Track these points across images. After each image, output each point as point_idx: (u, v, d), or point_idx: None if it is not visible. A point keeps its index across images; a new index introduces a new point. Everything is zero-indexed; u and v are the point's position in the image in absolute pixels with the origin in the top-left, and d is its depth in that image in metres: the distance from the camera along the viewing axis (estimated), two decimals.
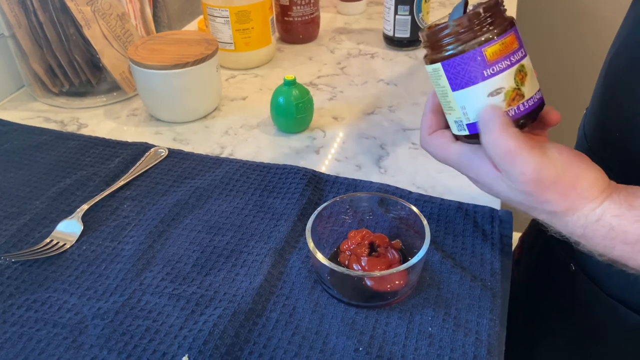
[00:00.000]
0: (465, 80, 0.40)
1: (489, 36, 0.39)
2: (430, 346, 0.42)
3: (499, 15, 0.40)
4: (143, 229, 0.53)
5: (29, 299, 0.46)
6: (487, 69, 0.39)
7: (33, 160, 0.64)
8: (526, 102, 0.40)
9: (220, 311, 0.44)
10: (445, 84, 0.41)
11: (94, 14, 0.71)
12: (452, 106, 0.42)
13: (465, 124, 0.42)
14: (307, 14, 0.93)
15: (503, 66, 0.39)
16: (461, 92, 0.40)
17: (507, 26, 0.39)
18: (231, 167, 0.62)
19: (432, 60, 0.41)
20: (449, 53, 0.40)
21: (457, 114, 0.42)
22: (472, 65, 0.39)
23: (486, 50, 0.38)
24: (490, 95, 0.40)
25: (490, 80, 0.39)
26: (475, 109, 0.40)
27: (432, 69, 0.42)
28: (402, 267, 0.43)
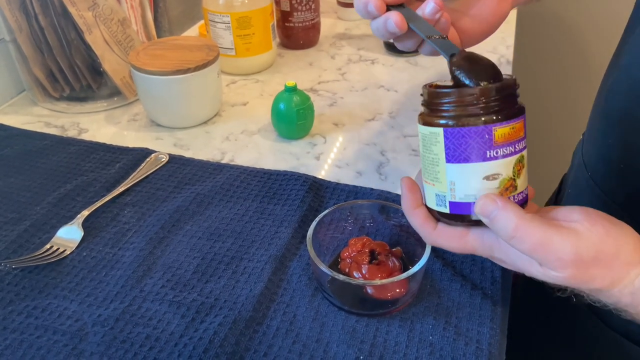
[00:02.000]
0: (464, 155, 0.37)
1: (502, 116, 0.36)
2: (431, 355, 0.42)
3: (514, 96, 0.38)
4: (143, 235, 0.53)
5: (29, 306, 0.46)
6: (491, 150, 0.36)
7: (33, 166, 0.64)
8: (517, 195, 0.38)
9: (221, 319, 0.44)
10: (440, 152, 0.38)
11: (95, 19, 0.72)
12: (440, 177, 0.38)
13: (448, 201, 0.39)
14: (308, 20, 0.93)
15: (507, 152, 0.36)
16: (455, 166, 0.37)
17: (520, 111, 0.37)
18: (232, 173, 0.62)
19: (431, 122, 0.38)
20: (455, 121, 0.36)
21: (442, 188, 0.39)
22: (476, 141, 0.36)
23: (496, 130, 0.36)
24: (485, 178, 0.37)
25: (490, 162, 0.36)
26: (465, 189, 0.38)
27: (428, 132, 0.38)
28: (403, 275, 0.43)
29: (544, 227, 0.35)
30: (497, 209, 0.36)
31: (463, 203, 0.38)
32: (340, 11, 1.09)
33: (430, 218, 0.41)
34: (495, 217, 0.36)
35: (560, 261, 0.34)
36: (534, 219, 0.35)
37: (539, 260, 0.36)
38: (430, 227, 0.41)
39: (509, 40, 0.97)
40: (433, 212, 0.41)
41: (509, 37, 0.98)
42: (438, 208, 0.40)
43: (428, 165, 0.39)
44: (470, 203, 0.38)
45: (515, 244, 0.35)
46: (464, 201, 0.38)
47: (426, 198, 0.41)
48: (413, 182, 0.42)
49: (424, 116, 0.39)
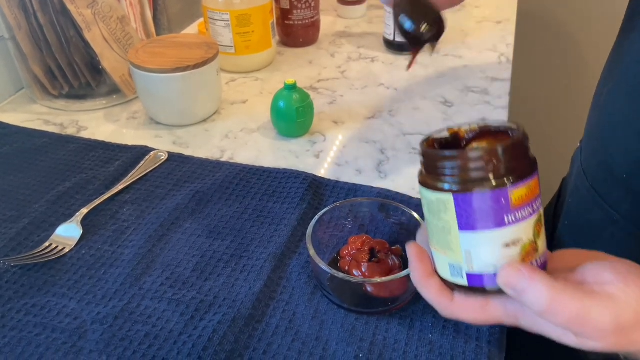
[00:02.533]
0: (480, 223, 0.33)
1: (518, 175, 0.33)
2: (431, 353, 0.42)
3: (527, 152, 0.34)
4: (142, 233, 0.53)
5: (28, 304, 0.46)
6: (510, 214, 0.33)
7: (32, 164, 0.64)
8: (539, 258, 0.35)
9: (220, 317, 0.44)
10: (452, 220, 0.34)
11: (95, 16, 0.71)
12: (453, 247, 0.35)
13: (465, 272, 0.35)
14: (308, 18, 0.93)
15: (525, 214, 0.33)
16: (471, 235, 0.34)
17: (534, 166, 0.34)
18: (231, 172, 0.62)
19: (437, 187, 0.34)
20: (466, 186, 0.33)
21: (457, 258, 0.35)
22: (492, 207, 0.32)
23: (513, 192, 0.32)
24: (505, 245, 0.33)
25: (510, 228, 0.33)
26: (483, 259, 0.34)
27: (435, 198, 0.34)
28: (402, 273, 0.43)
29: (578, 298, 0.32)
30: (524, 281, 0.33)
31: (482, 275, 0.35)
32: (340, 9, 1.09)
33: (445, 289, 0.37)
34: (524, 290, 0.33)
35: (601, 332, 0.32)
36: (566, 289, 0.32)
37: (575, 332, 0.33)
38: (446, 300, 0.37)
39: (509, 39, 0.96)
40: (447, 283, 0.37)
41: (508, 36, 0.98)
42: (454, 280, 0.36)
43: (438, 233, 0.36)
44: (491, 274, 0.34)
45: (549, 318, 0.33)
46: (484, 272, 0.34)
47: (438, 267, 0.38)
48: (421, 250, 0.39)
49: (426, 179, 0.35)
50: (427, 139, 0.37)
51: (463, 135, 0.38)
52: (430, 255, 0.39)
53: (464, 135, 0.38)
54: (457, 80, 0.83)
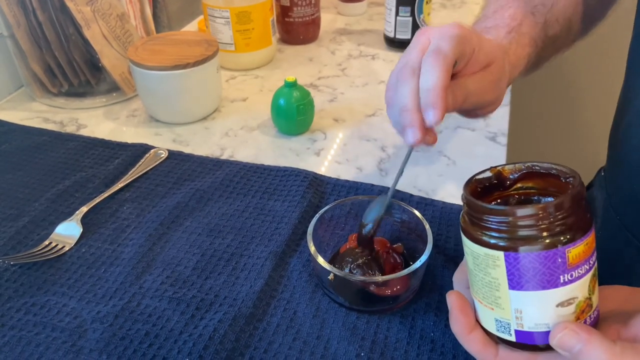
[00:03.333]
0: (533, 283, 0.31)
1: (575, 233, 0.30)
2: (432, 352, 0.41)
3: (585, 206, 0.32)
4: (143, 231, 0.53)
5: (28, 302, 0.46)
6: (566, 273, 0.31)
7: (32, 162, 0.63)
8: (592, 313, 0.33)
9: (221, 315, 0.44)
10: (501, 277, 0.32)
11: (94, 14, 0.71)
12: (501, 304, 0.33)
13: (514, 329, 0.33)
14: (308, 15, 0.93)
15: (582, 272, 0.31)
16: (522, 294, 0.32)
17: (591, 221, 0.32)
18: (231, 169, 0.61)
19: (487, 243, 0.32)
20: (520, 245, 0.31)
21: (505, 315, 0.33)
22: (548, 267, 0.31)
23: (570, 251, 0.30)
24: (560, 305, 0.31)
25: (565, 287, 0.31)
26: (535, 318, 0.32)
27: (483, 253, 0.32)
28: (404, 271, 0.42)
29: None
30: (581, 343, 0.31)
31: (533, 332, 0.33)
32: (340, 6, 1.09)
33: (490, 343, 0.36)
34: (580, 352, 0.31)
35: None
36: (625, 352, 0.30)
37: None
38: (491, 354, 0.36)
39: None
40: (492, 336, 0.35)
41: None
42: (500, 335, 0.34)
43: (483, 287, 0.34)
44: (542, 332, 0.32)
45: None
46: (535, 330, 0.33)
47: (482, 319, 0.36)
48: (464, 301, 0.37)
49: (472, 231, 0.33)
50: (470, 182, 0.36)
51: (507, 175, 0.36)
52: (472, 304, 0.37)
53: (508, 175, 0.36)
54: None
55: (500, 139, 0.68)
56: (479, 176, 0.36)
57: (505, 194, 0.36)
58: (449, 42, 0.39)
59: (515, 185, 0.36)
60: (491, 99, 0.44)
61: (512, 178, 0.36)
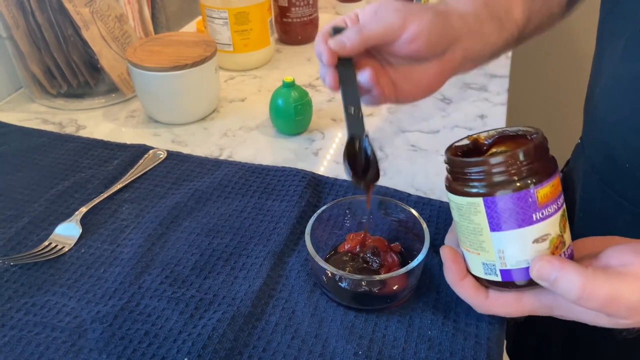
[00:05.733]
0: (510, 222, 0.35)
1: (542, 176, 0.35)
2: (430, 350, 0.42)
3: (548, 153, 0.36)
4: (142, 231, 0.53)
5: (28, 303, 0.46)
6: (537, 212, 0.35)
7: (31, 163, 0.64)
8: (566, 250, 0.37)
9: (220, 315, 0.44)
10: (482, 222, 0.36)
11: (92, 15, 0.71)
12: (485, 247, 0.37)
13: (498, 269, 0.37)
14: (306, 15, 0.93)
15: (551, 210, 0.35)
16: (502, 234, 0.36)
17: (555, 165, 0.36)
18: (230, 170, 0.62)
19: (467, 193, 0.36)
20: (495, 189, 0.35)
21: (490, 257, 0.37)
22: (521, 206, 0.35)
23: (539, 191, 0.35)
24: (535, 241, 0.36)
25: (538, 225, 0.35)
26: (516, 255, 0.36)
27: (465, 202, 0.37)
28: (401, 270, 0.43)
29: (608, 281, 0.34)
30: (556, 272, 0.34)
31: (515, 269, 0.37)
32: (338, 6, 1.09)
33: (480, 287, 0.40)
34: (557, 279, 0.34)
35: (632, 310, 0.34)
36: (596, 274, 0.34)
37: (607, 314, 0.35)
38: (482, 297, 0.40)
39: None
40: (481, 280, 0.40)
41: None
42: (487, 277, 0.38)
43: (468, 235, 0.38)
44: (523, 269, 0.36)
45: (583, 303, 0.34)
46: (516, 267, 0.37)
47: (471, 266, 0.40)
48: (455, 252, 0.41)
49: (455, 186, 0.38)
50: (450, 148, 0.39)
51: (482, 141, 0.40)
52: (463, 256, 0.41)
53: (483, 141, 0.40)
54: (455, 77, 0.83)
55: None
56: (458, 143, 0.40)
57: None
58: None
59: (491, 150, 0.40)
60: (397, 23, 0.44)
61: (487, 143, 0.40)
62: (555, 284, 0.35)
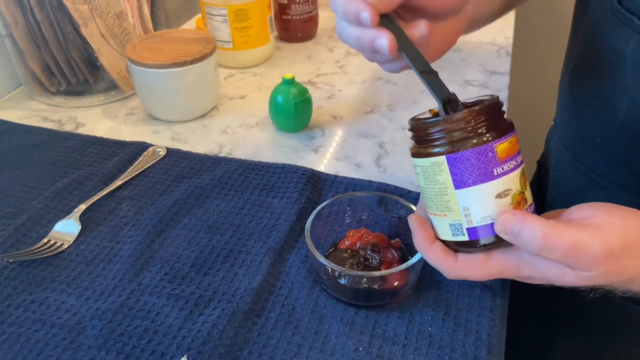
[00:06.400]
0: (472, 178, 0.36)
1: (499, 132, 0.36)
2: (430, 346, 0.41)
3: (502, 113, 0.38)
4: (141, 228, 0.53)
5: (27, 300, 0.46)
6: (497, 167, 0.36)
7: (30, 160, 0.63)
8: (529, 207, 0.38)
9: (219, 311, 0.44)
10: (447, 181, 0.37)
11: (91, 12, 0.71)
12: (451, 206, 0.38)
13: (465, 228, 0.38)
14: (306, 12, 0.93)
15: (511, 166, 0.36)
16: (466, 191, 0.36)
17: (511, 125, 0.38)
18: (230, 167, 0.61)
19: (430, 154, 0.37)
20: (457, 146, 0.36)
21: (456, 216, 0.38)
22: (482, 161, 0.36)
23: (497, 146, 0.36)
24: (498, 196, 0.36)
25: (500, 179, 0.36)
26: (481, 211, 0.37)
27: (429, 163, 0.37)
28: (401, 266, 0.42)
29: (570, 230, 0.34)
30: (519, 223, 0.35)
31: (481, 226, 0.37)
32: None
33: (449, 252, 0.40)
34: (520, 231, 0.35)
35: (594, 260, 0.34)
36: (557, 224, 0.34)
37: (571, 265, 0.35)
38: (451, 261, 0.39)
39: (508, 32, 0.96)
40: (449, 244, 0.40)
41: (508, 29, 0.97)
42: (455, 238, 0.39)
43: (435, 197, 0.38)
44: (488, 225, 0.37)
45: (546, 253, 0.34)
46: (482, 224, 0.37)
47: (439, 231, 0.40)
48: (422, 219, 0.41)
49: (419, 149, 0.38)
50: (413, 119, 0.40)
51: None
52: (431, 223, 0.41)
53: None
54: (456, 74, 0.83)
55: None
56: (420, 116, 0.41)
57: None
58: None
59: None
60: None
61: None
62: (518, 235, 0.35)
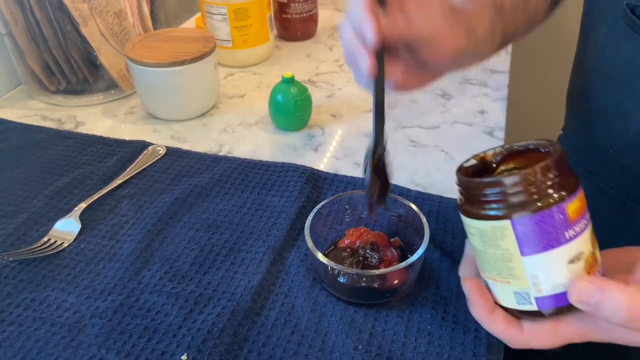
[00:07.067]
0: (542, 244, 0.32)
1: (569, 189, 0.32)
2: (429, 344, 0.42)
3: (570, 168, 0.34)
4: (141, 227, 0.53)
5: (27, 298, 0.46)
6: (569, 229, 0.32)
7: (30, 159, 0.63)
8: (600, 268, 0.34)
9: (219, 310, 0.44)
10: (512, 247, 0.33)
11: (91, 11, 0.71)
12: (516, 274, 0.34)
13: (533, 297, 0.34)
14: (305, 11, 0.93)
15: (582, 226, 0.33)
16: (534, 258, 0.33)
17: (578, 178, 0.34)
18: (229, 165, 0.61)
19: (490, 216, 0.33)
20: (523, 209, 0.32)
21: (523, 284, 0.34)
22: (553, 225, 0.32)
23: (568, 206, 0.32)
24: (570, 262, 0.33)
25: (571, 243, 0.32)
26: (551, 279, 0.33)
27: (490, 227, 0.33)
28: (401, 265, 0.43)
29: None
30: (598, 292, 0.32)
31: (552, 295, 0.33)
32: (338, 2, 1.09)
33: (512, 320, 0.36)
34: (600, 301, 0.32)
35: None
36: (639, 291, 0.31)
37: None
38: (516, 331, 0.36)
39: None
40: (511, 311, 0.36)
41: None
42: (521, 307, 0.35)
43: (495, 262, 0.35)
44: (560, 294, 0.33)
45: (631, 325, 0.31)
46: (553, 293, 0.33)
47: (499, 297, 0.36)
48: (479, 284, 0.37)
49: (474, 210, 0.34)
50: (460, 169, 0.37)
51: (490, 159, 0.38)
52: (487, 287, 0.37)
53: (491, 159, 0.38)
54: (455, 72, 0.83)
55: (497, 134, 0.68)
56: (465, 164, 0.38)
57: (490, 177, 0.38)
58: None
59: (499, 168, 0.37)
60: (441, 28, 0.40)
61: (496, 161, 0.38)
62: (598, 306, 0.32)
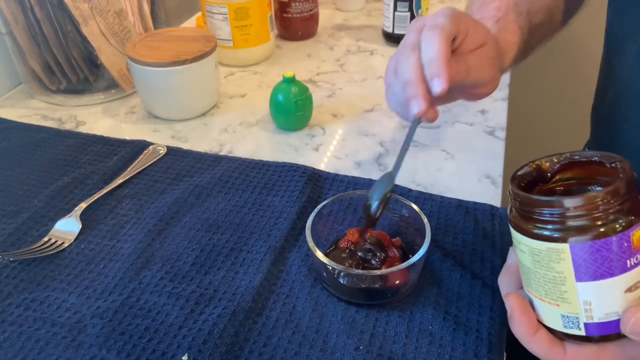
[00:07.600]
0: (601, 271, 0.30)
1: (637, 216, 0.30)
2: (431, 345, 0.41)
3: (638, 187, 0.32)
4: (142, 227, 0.53)
5: (28, 298, 0.46)
6: (632, 257, 0.30)
7: (31, 159, 0.63)
8: None
9: (220, 310, 0.44)
10: (567, 270, 0.31)
11: (92, 10, 0.71)
12: (568, 298, 0.32)
13: (583, 322, 0.32)
14: (306, 11, 0.93)
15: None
16: (590, 285, 0.31)
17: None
18: (230, 165, 0.61)
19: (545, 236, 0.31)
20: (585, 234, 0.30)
21: (573, 309, 0.32)
22: (615, 252, 0.30)
23: (634, 234, 0.30)
24: (628, 290, 0.31)
25: (632, 272, 0.31)
26: (605, 307, 0.31)
27: (545, 247, 0.32)
28: (402, 265, 0.42)
29: None
30: None
31: (603, 323, 0.32)
32: (338, 2, 1.09)
33: (555, 341, 0.35)
34: None
35: None
36: None
37: None
38: (559, 353, 0.35)
39: None
40: (556, 333, 0.35)
41: None
42: (567, 330, 0.34)
43: (546, 284, 0.33)
44: (612, 321, 0.32)
45: None
46: (605, 320, 0.32)
47: (544, 318, 0.35)
48: (523, 302, 0.36)
49: (528, 227, 0.32)
50: (514, 178, 0.35)
51: (546, 168, 0.36)
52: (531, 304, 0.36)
53: (547, 168, 0.36)
54: None
55: (498, 133, 0.68)
56: (520, 172, 0.36)
57: (546, 187, 0.36)
58: (445, 18, 0.42)
59: (555, 177, 0.36)
60: (490, 76, 0.46)
61: (552, 170, 0.36)
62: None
